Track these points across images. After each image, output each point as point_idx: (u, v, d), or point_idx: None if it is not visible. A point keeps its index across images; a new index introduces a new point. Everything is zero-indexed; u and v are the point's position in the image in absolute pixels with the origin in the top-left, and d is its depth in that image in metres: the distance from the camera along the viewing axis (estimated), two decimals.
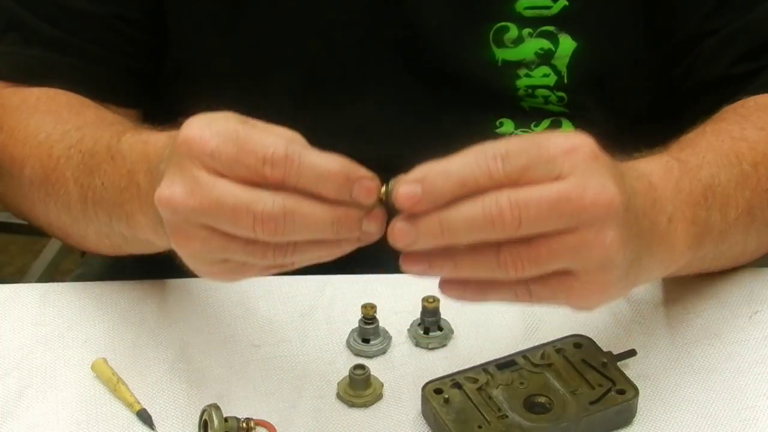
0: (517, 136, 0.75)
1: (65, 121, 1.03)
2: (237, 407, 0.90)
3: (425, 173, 0.75)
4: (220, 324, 0.99)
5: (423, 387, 0.90)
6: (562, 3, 1.07)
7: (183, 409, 0.91)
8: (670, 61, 1.11)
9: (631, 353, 0.94)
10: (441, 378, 0.90)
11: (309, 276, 1.03)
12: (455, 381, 0.90)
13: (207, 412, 0.87)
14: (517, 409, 0.88)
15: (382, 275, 1.03)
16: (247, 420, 0.88)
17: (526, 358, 0.92)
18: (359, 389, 0.92)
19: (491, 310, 1.00)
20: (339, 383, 0.93)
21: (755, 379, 0.94)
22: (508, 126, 1.11)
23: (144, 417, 0.90)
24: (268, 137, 0.76)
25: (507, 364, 0.91)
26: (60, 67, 1.08)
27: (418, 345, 0.97)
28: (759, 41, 1.08)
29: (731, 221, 0.95)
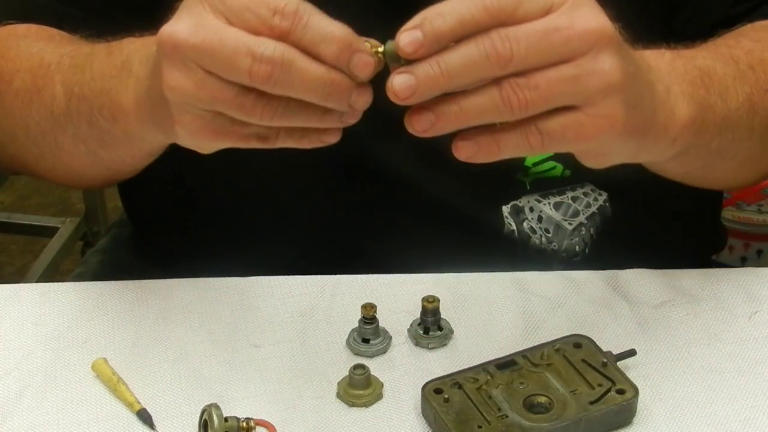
0: None
1: (57, 41, 1.04)
2: (237, 407, 0.90)
3: (422, 18, 0.77)
4: (220, 324, 0.99)
5: (423, 387, 0.90)
6: None
7: (183, 409, 0.91)
8: (669, 14, 1.11)
9: (631, 353, 0.94)
10: (441, 378, 0.90)
11: (309, 276, 1.04)
12: (455, 381, 0.90)
13: (207, 412, 0.87)
14: (517, 409, 0.88)
15: (382, 275, 1.03)
16: (247, 420, 0.88)
17: (526, 358, 0.92)
18: (359, 389, 0.92)
19: (491, 310, 1.00)
20: (339, 383, 0.93)
21: (755, 379, 0.94)
22: None
23: (144, 417, 0.90)
24: None
25: (507, 364, 0.91)
26: (45, 11, 1.07)
27: (418, 345, 0.97)
28: None
29: (732, 109, 0.95)
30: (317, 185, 1.09)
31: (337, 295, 1.02)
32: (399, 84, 0.77)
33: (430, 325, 0.97)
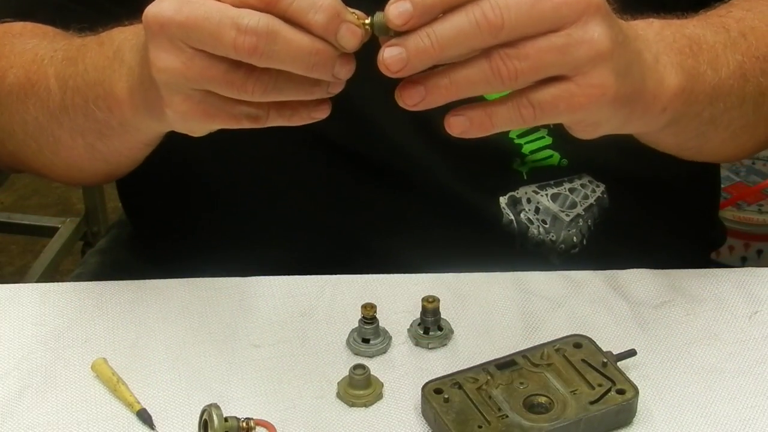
0: None
1: (51, 38, 1.04)
2: (237, 407, 0.90)
3: None
4: (220, 324, 0.99)
5: (423, 387, 0.90)
6: None
7: (183, 409, 0.91)
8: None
9: (631, 353, 0.94)
10: (441, 378, 0.90)
11: (309, 276, 1.04)
12: (455, 381, 0.90)
13: (207, 412, 0.87)
14: (517, 409, 0.88)
15: (382, 275, 1.03)
16: (247, 420, 0.88)
17: (526, 358, 0.92)
18: (359, 389, 0.92)
19: (491, 310, 1.00)
20: (339, 383, 0.93)
21: (755, 379, 0.94)
22: None
23: (144, 417, 0.90)
24: None
25: (507, 364, 0.91)
26: (44, 6, 1.07)
27: (418, 345, 0.97)
28: None
29: (723, 77, 0.95)
30: (316, 182, 1.09)
31: (337, 295, 1.02)
32: (390, 56, 0.77)
33: (430, 325, 0.97)
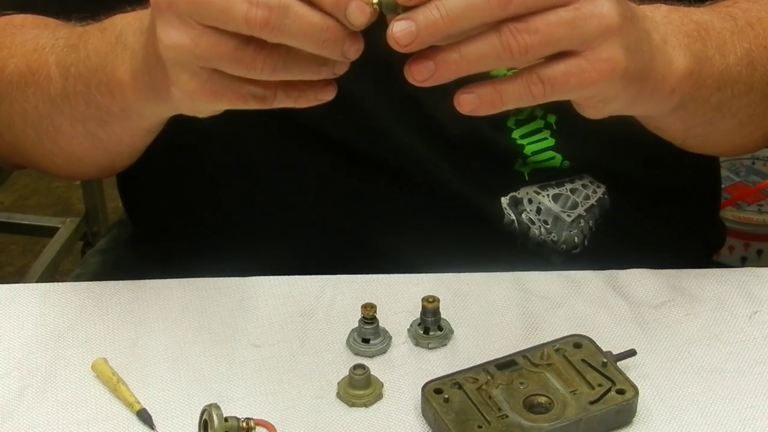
0: None
1: (53, 28, 1.03)
2: (237, 407, 0.90)
3: None
4: (220, 324, 0.99)
5: (423, 387, 0.90)
6: None
7: (183, 409, 0.91)
8: None
9: (631, 353, 0.94)
10: (441, 378, 0.90)
11: (309, 276, 1.04)
12: (455, 381, 0.90)
13: (207, 412, 0.87)
14: (517, 409, 0.88)
15: (382, 275, 1.03)
16: (247, 420, 0.88)
17: (526, 358, 0.92)
18: (359, 389, 0.92)
19: (491, 310, 1.00)
20: (339, 383, 0.93)
21: (755, 379, 0.94)
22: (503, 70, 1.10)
23: (144, 417, 0.90)
24: None
25: (507, 364, 0.91)
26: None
27: (418, 345, 0.97)
28: None
29: (731, 64, 0.95)
30: (317, 181, 1.09)
31: (337, 295, 1.02)
32: (399, 30, 0.76)
33: (430, 325, 0.97)
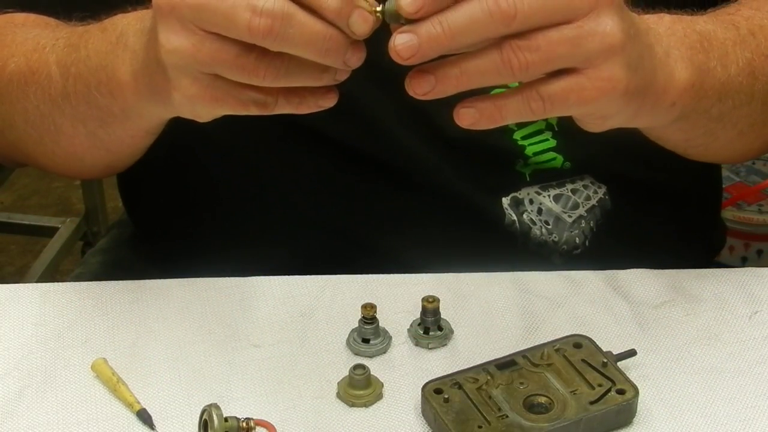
0: None
1: (54, 27, 1.03)
2: (237, 407, 0.90)
3: None
4: (220, 324, 0.99)
5: (423, 387, 0.90)
6: None
7: (183, 409, 0.91)
8: None
9: (631, 353, 0.94)
10: (441, 378, 0.90)
11: (309, 276, 1.04)
12: (455, 381, 0.90)
13: (207, 412, 0.87)
14: (517, 409, 0.87)
15: (382, 275, 1.03)
16: (247, 420, 0.88)
17: (526, 358, 0.92)
18: (359, 389, 0.92)
19: (491, 310, 1.00)
20: (339, 383, 0.93)
21: (755, 379, 0.94)
22: None
23: (144, 417, 0.90)
24: None
25: (507, 364, 0.91)
26: None
27: (418, 345, 0.97)
28: None
29: (732, 74, 0.95)
30: (318, 181, 1.09)
31: (337, 295, 1.02)
32: (401, 43, 0.76)
33: (430, 325, 0.97)
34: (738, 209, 1.89)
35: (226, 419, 0.87)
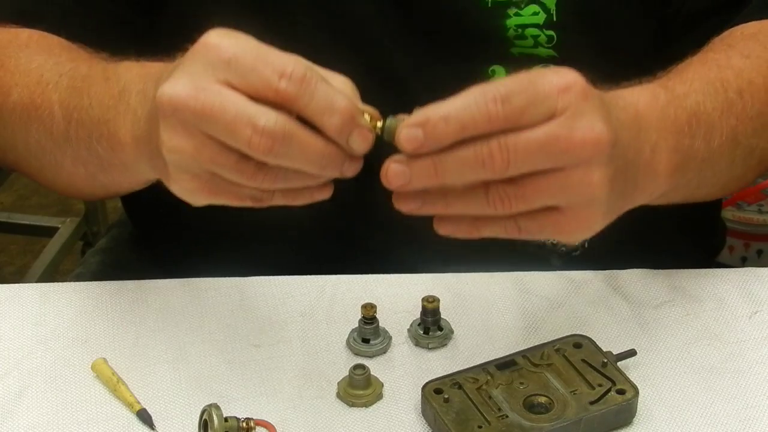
0: (512, 76, 0.78)
1: (57, 55, 1.03)
2: (237, 407, 0.90)
3: (426, 117, 0.77)
4: (220, 324, 0.99)
5: (423, 387, 0.90)
6: None
7: (183, 409, 0.91)
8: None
9: (631, 353, 0.94)
10: (441, 378, 0.90)
11: (309, 276, 1.04)
12: (455, 381, 0.90)
13: (207, 412, 0.87)
14: (517, 409, 0.88)
15: (382, 275, 1.03)
16: (247, 420, 0.88)
17: (526, 358, 0.92)
18: (359, 389, 0.92)
19: (491, 310, 1.00)
20: (339, 383, 0.93)
21: (755, 379, 0.94)
22: (499, 74, 1.11)
23: (144, 417, 0.90)
24: (288, 57, 0.77)
25: (507, 364, 0.91)
26: (48, 5, 1.07)
27: (418, 345, 0.97)
28: None
29: (715, 148, 0.96)
30: None
31: (337, 295, 1.02)
32: (393, 173, 0.79)
33: (430, 325, 0.97)
34: (738, 209, 1.89)
35: (226, 419, 0.87)
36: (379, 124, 0.79)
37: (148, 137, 0.85)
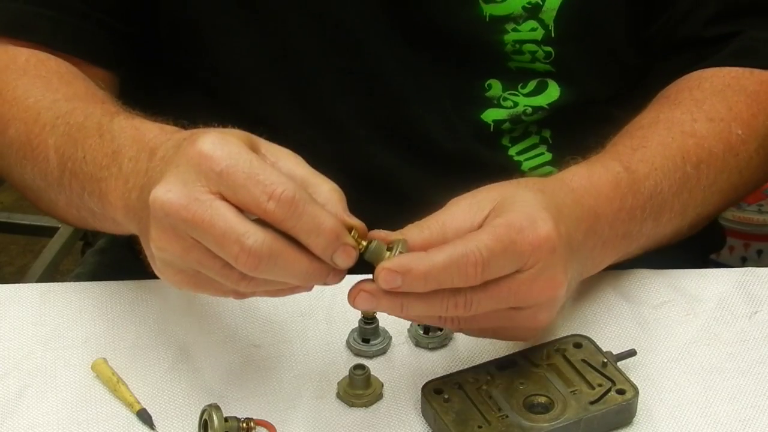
0: (495, 229, 0.83)
1: (55, 90, 1.03)
2: (237, 407, 0.90)
3: (409, 268, 0.81)
4: (220, 324, 0.99)
5: (423, 387, 0.90)
6: None
7: (183, 409, 0.91)
8: (648, 18, 1.13)
9: (631, 353, 0.94)
10: (441, 378, 0.90)
11: None
12: (455, 381, 0.90)
13: (207, 412, 0.87)
14: (517, 409, 0.88)
15: None
16: (247, 420, 0.88)
17: (526, 358, 0.92)
18: (359, 389, 0.92)
19: None
20: (339, 383, 0.93)
21: (755, 379, 0.94)
22: (496, 88, 1.11)
23: (144, 417, 0.90)
24: (278, 177, 0.79)
25: (507, 364, 0.91)
26: (39, 19, 1.08)
27: (418, 345, 0.97)
28: (732, 3, 1.10)
29: (663, 223, 1.01)
30: None
31: (337, 295, 1.02)
32: (361, 300, 0.83)
33: (431, 325, 0.97)
34: (738, 209, 1.89)
35: (226, 419, 0.87)
36: (364, 243, 0.82)
37: (137, 214, 0.87)
